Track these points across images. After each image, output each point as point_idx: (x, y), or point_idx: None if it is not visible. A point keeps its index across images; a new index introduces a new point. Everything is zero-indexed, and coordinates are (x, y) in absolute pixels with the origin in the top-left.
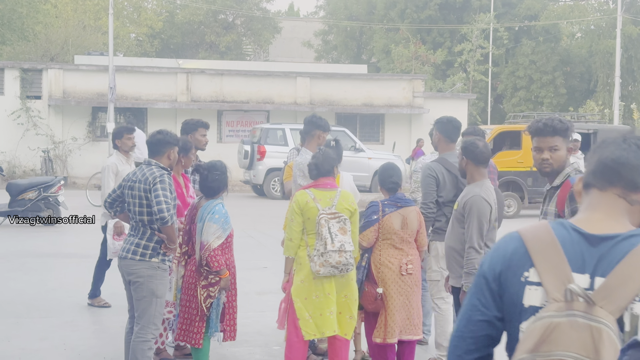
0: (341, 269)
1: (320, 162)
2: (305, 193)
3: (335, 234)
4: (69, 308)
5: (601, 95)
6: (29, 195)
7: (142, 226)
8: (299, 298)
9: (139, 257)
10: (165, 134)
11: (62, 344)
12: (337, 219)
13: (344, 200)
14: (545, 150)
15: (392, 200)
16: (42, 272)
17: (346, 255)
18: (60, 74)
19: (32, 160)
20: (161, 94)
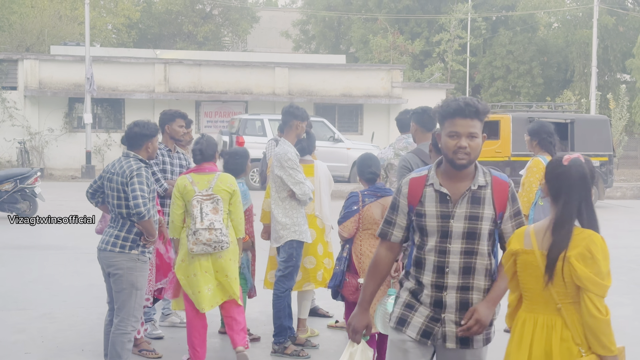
0: (214, 246)
1: (205, 148)
2: (185, 178)
3: (206, 213)
4: (46, 300)
5: (578, 85)
6: (5, 187)
7: (122, 218)
8: (183, 276)
9: (118, 249)
10: (142, 126)
11: (40, 336)
12: (211, 199)
13: (221, 182)
14: (463, 136)
15: (371, 190)
16: (20, 265)
17: (216, 233)
18: (36, 64)
19: (7, 152)
20: (139, 85)
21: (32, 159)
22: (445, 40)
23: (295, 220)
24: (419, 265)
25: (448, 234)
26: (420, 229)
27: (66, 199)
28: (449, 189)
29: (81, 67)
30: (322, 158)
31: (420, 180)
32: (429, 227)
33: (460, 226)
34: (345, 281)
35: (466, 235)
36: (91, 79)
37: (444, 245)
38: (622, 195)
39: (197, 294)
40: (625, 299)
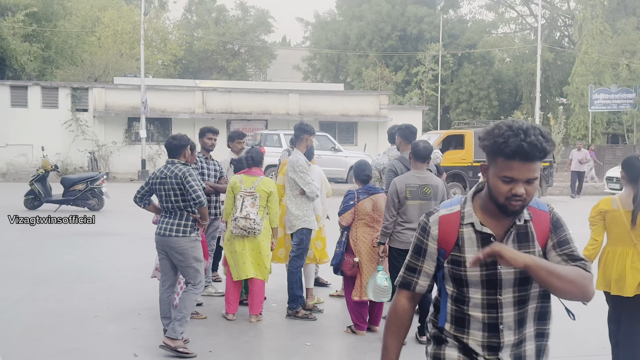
0: (248, 231)
1: (254, 156)
2: (237, 177)
3: (245, 205)
4: (112, 275)
5: (525, 106)
6: (78, 187)
7: (179, 210)
8: (227, 251)
9: (181, 234)
10: (178, 139)
11: (106, 303)
12: (251, 196)
13: (262, 184)
14: (521, 182)
15: (364, 189)
16: (90, 248)
17: (250, 222)
18: (102, 92)
19: (80, 160)
20: (182, 107)
21: (100, 165)
22: (421, 72)
23: (306, 213)
24: (460, 324)
25: (497, 283)
26: (457, 279)
27: (126, 196)
28: (492, 227)
29: (137, 93)
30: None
31: (453, 218)
32: (471, 277)
33: (511, 272)
34: (344, 260)
35: (518, 282)
36: (145, 103)
37: (494, 298)
38: (560, 192)
39: (234, 267)
40: None
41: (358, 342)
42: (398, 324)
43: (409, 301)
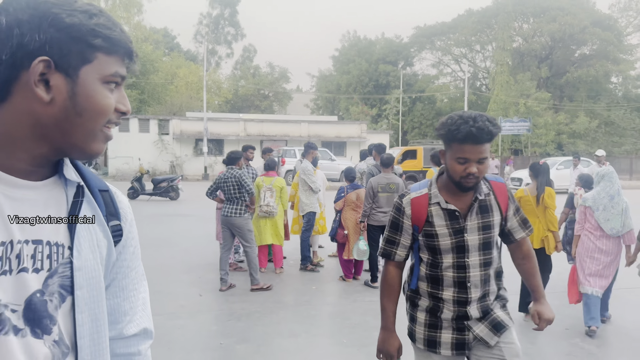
0: (269, 214)
1: (269, 164)
2: (260, 178)
3: (266, 197)
4: (184, 242)
5: None
6: (163, 184)
7: (236, 199)
8: (254, 227)
9: (238, 215)
10: (235, 153)
11: (181, 260)
12: (270, 190)
13: (277, 182)
14: (473, 162)
15: (351, 186)
16: (170, 224)
17: (270, 208)
18: (178, 122)
19: (164, 166)
20: (231, 132)
21: (177, 170)
22: (388, 108)
23: (312, 201)
24: (435, 282)
25: (465, 248)
26: (431, 248)
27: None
28: (456, 204)
29: (201, 123)
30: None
31: (422, 199)
32: (443, 246)
33: (475, 238)
34: (338, 232)
35: (482, 247)
36: (206, 130)
37: (462, 261)
38: None
39: (258, 235)
40: None
41: (347, 286)
42: (390, 288)
43: (395, 268)
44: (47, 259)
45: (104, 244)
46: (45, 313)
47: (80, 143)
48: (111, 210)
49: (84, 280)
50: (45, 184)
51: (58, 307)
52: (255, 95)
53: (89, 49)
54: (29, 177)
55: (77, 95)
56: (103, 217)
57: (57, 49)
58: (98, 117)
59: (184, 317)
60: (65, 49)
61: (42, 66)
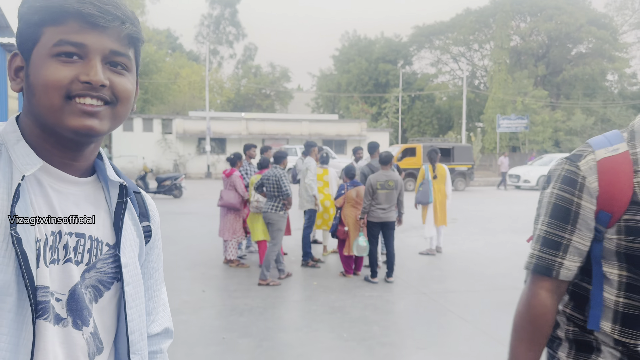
0: (259, 209)
1: (261, 162)
2: (254, 177)
3: (256, 194)
4: (190, 239)
5: (456, 129)
6: (166, 182)
7: (275, 197)
8: (249, 223)
9: (274, 211)
10: (281, 152)
11: (184, 256)
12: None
13: None
14: None
15: (351, 183)
16: (174, 222)
17: (259, 204)
18: (182, 121)
19: (168, 165)
20: (233, 131)
21: (180, 169)
22: (388, 107)
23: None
24: (633, 324)
25: None
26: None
27: (198, 189)
28: None
29: (204, 122)
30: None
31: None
32: None
33: None
34: (338, 228)
35: None
36: (209, 128)
37: None
38: (479, 184)
39: (252, 232)
40: (480, 237)
41: (347, 281)
42: (534, 329)
43: (552, 294)
44: (87, 252)
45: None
46: (84, 304)
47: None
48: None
49: (130, 277)
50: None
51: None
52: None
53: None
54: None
55: (29, 76)
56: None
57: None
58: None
59: (187, 312)
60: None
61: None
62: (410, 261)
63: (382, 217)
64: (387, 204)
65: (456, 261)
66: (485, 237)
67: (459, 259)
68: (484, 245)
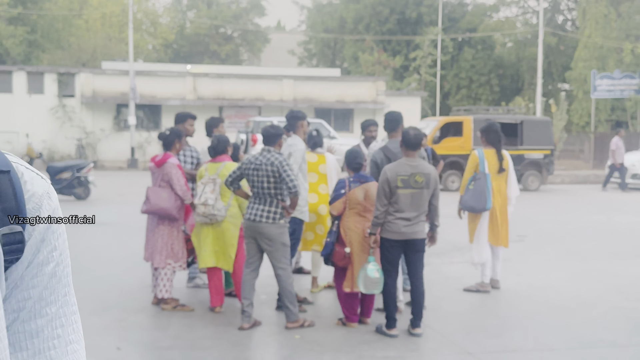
0: (210, 218)
1: (216, 146)
2: (203, 166)
3: (205, 192)
4: (96, 266)
5: (527, 92)
6: (64, 175)
7: (269, 197)
8: (195, 239)
9: (271, 220)
10: (276, 129)
11: (91, 294)
12: (212, 182)
13: (225, 170)
14: None
15: (356, 177)
16: (74, 238)
17: (209, 208)
18: (90, 77)
19: (68, 147)
20: (173, 93)
21: (88, 153)
22: (420, 57)
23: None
24: None
25: None
26: None
27: (114, 185)
28: None
29: (126, 79)
30: None
31: None
32: None
33: None
34: (335, 250)
35: None
36: (134, 89)
37: None
38: (561, 181)
39: (200, 255)
40: (561, 264)
41: (349, 334)
42: None
43: None
44: None
45: None
46: None
47: None
48: (9, 205)
49: None
50: None
51: None
52: (211, 36)
53: None
54: None
55: None
56: None
57: None
58: None
59: None
60: None
61: None
62: (449, 302)
63: (405, 232)
64: (413, 212)
65: (522, 302)
66: (570, 265)
67: (527, 298)
68: (567, 277)
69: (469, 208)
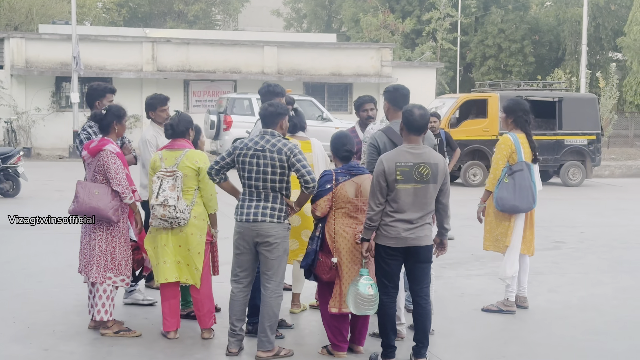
0: (170, 222)
1: (176, 124)
2: (157, 154)
3: (163, 189)
4: (22, 281)
5: (569, 63)
6: None
7: (272, 192)
8: (149, 247)
9: (276, 220)
10: (276, 106)
11: (12, 317)
12: (172, 176)
13: (187, 159)
14: None
15: (345, 168)
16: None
17: (170, 209)
18: (22, 43)
19: None
20: (126, 64)
21: (19, 138)
22: (435, 19)
23: None
24: None
25: None
26: None
27: (52, 178)
28: None
29: (69, 46)
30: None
31: None
32: None
33: None
34: (319, 261)
35: None
36: (78, 58)
37: None
38: (611, 173)
39: (155, 266)
40: (605, 278)
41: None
42: None
43: None
44: None
45: None
46: None
47: None
48: None
49: None
50: None
51: None
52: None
53: None
54: None
55: None
56: None
57: None
58: None
59: None
60: None
61: None
62: (463, 326)
63: (407, 237)
64: (417, 212)
65: (555, 326)
66: (617, 280)
67: (561, 320)
68: (612, 294)
69: (509, 208)
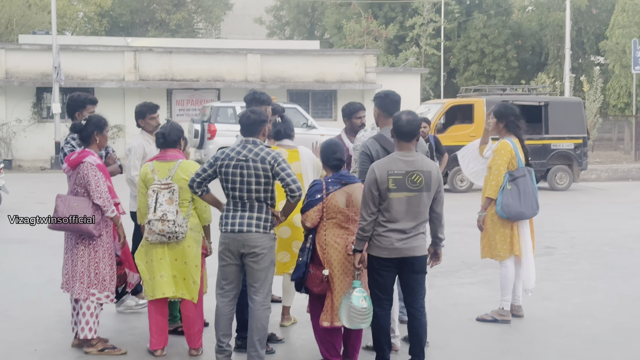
0: (168, 236)
1: (167, 133)
2: (147, 165)
3: (160, 203)
4: (2, 297)
5: (552, 67)
6: None
7: (257, 201)
8: (141, 262)
9: (262, 230)
10: (258, 114)
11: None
12: (168, 189)
13: (181, 171)
14: None
15: (335, 177)
16: None
17: (169, 224)
18: (2, 53)
19: None
20: (108, 74)
21: (0, 150)
22: (419, 25)
23: None
24: None
25: None
26: None
27: (34, 191)
28: None
29: (49, 56)
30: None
31: None
32: None
33: None
34: (310, 273)
35: None
36: (59, 68)
37: None
38: (597, 177)
39: (148, 282)
40: (599, 284)
41: None
42: None
43: None
44: None
45: None
46: None
47: None
48: None
49: None
50: None
51: None
52: (158, 2)
53: None
54: None
55: None
56: None
57: None
58: None
59: None
60: None
61: None
62: (458, 336)
63: (401, 248)
64: (410, 222)
65: (551, 334)
66: (611, 285)
67: (557, 329)
68: (607, 301)
69: (516, 215)
